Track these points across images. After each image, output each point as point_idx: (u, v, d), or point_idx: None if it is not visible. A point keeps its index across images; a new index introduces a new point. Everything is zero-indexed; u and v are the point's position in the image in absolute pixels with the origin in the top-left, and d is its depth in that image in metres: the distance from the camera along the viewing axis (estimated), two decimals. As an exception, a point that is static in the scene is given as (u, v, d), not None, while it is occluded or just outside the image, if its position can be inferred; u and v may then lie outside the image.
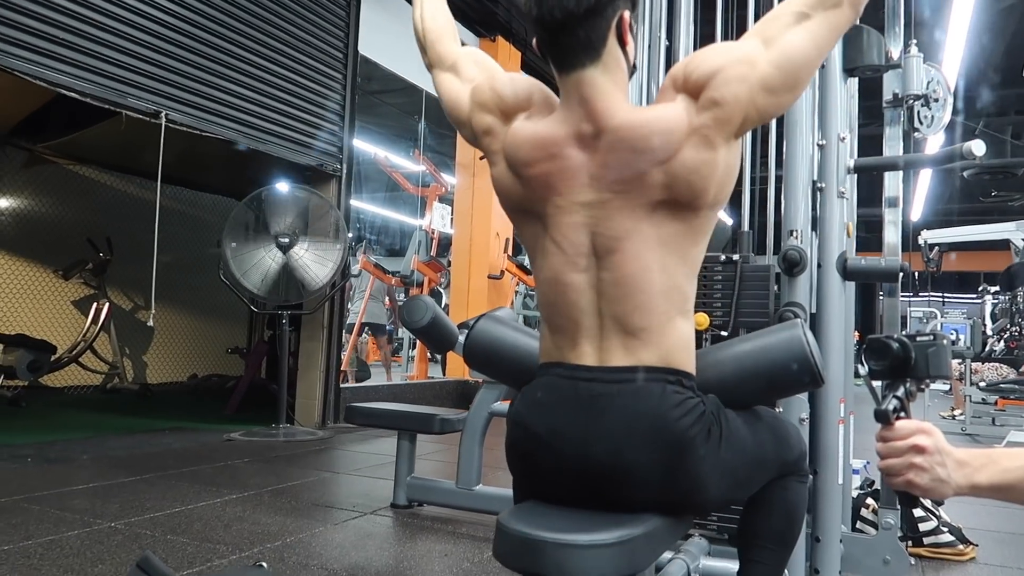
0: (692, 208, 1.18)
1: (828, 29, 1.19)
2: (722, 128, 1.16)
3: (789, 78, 1.18)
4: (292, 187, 5.13)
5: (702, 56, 1.22)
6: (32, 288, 6.56)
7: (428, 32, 1.46)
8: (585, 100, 1.19)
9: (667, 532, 1.24)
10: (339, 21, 5.46)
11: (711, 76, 1.16)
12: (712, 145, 1.16)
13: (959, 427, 6.71)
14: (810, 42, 1.18)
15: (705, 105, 1.16)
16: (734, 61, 1.18)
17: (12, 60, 3.40)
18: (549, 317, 1.28)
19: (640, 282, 1.18)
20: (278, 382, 5.06)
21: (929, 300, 14.85)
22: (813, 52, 1.19)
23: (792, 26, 1.18)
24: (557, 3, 1.15)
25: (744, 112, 1.17)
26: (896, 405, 1.07)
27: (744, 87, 1.16)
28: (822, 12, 1.18)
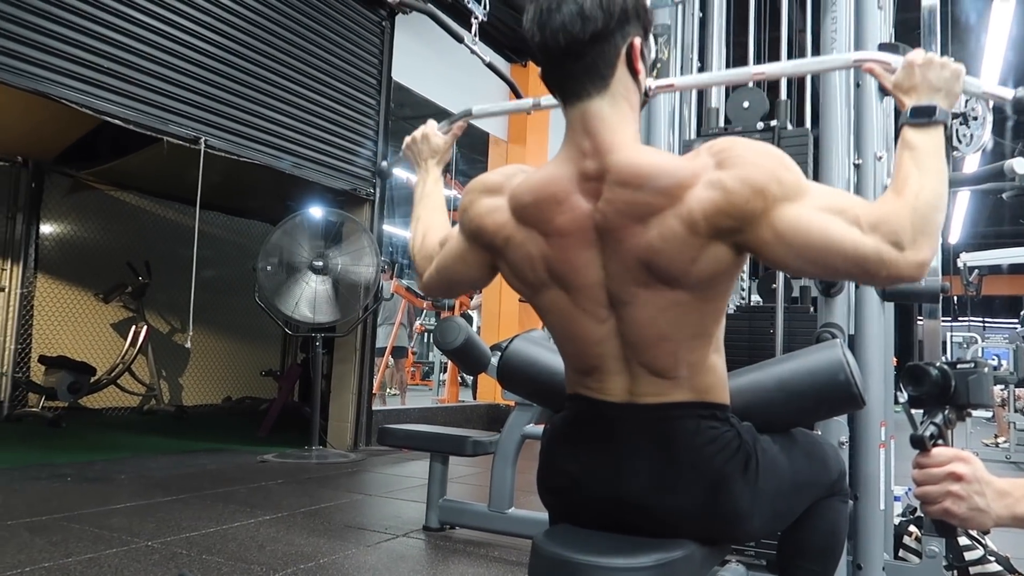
0: (672, 286, 1.07)
1: (858, 252, 0.99)
2: (716, 216, 1.02)
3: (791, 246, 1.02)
4: (326, 211, 5.21)
5: (746, 161, 1.03)
6: (73, 311, 6.72)
7: (419, 261, 1.41)
8: (590, 133, 1.10)
9: (705, 557, 1.22)
10: (373, 48, 5.57)
11: (746, 210, 1.02)
12: (696, 231, 1.03)
13: (1003, 455, 6.52)
14: (835, 243, 1.00)
15: (714, 184, 1.02)
16: (772, 181, 1.02)
17: (62, 89, 3.51)
18: (568, 358, 1.22)
19: (663, 332, 1.10)
20: (311, 404, 5.10)
21: (969, 325, 14.52)
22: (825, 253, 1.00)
23: (837, 216, 1.00)
24: (561, 28, 1.07)
25: (744, 216, 1.02)
26: (933, 431, 1.05)
27: (760, 202, 1.01)
28: (873, 238, 0.98)
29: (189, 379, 7.63)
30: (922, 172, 1.03)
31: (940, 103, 1.10)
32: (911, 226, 0.98)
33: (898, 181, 1.04)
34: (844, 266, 1.01)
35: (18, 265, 6.29)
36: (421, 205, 1.49)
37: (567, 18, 1.06)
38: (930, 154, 1.06)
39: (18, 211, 6.33)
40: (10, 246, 6.27)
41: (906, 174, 1.04)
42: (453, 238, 1.32)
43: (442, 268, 1.34)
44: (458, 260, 1.30)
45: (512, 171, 1.22)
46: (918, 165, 1.04)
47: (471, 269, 1.29)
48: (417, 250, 1.42)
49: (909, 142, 1.08)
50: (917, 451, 1.03)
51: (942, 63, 1.12)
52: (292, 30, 4.85)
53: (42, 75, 3.44)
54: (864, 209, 1.01)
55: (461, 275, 1.32)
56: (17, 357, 6.21)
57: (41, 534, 2.67)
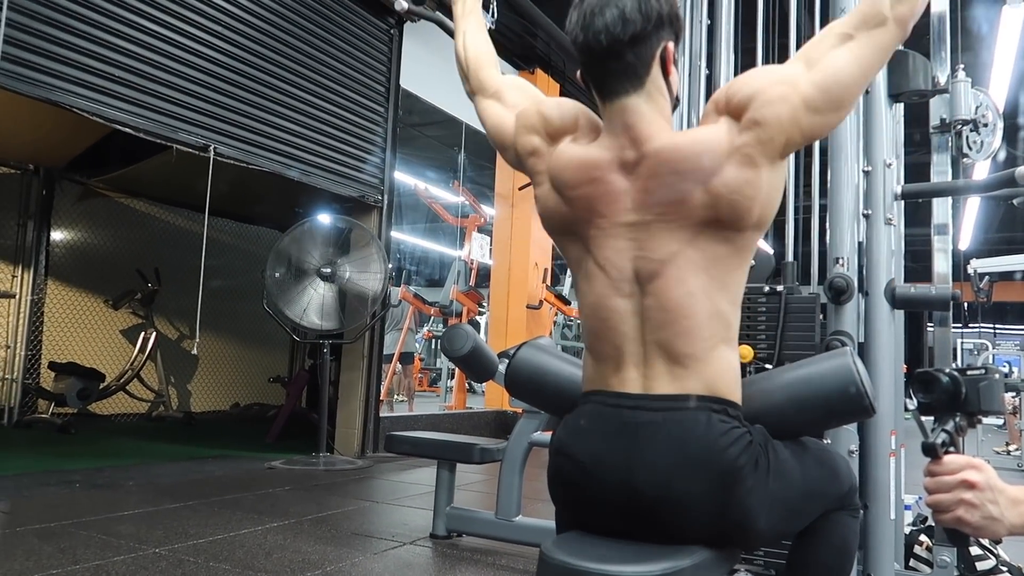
0: (735, 228, 1.17)
1: (873, 49, 1.18)
2: (764, 148, 1.15)
3: (832, 98, 1.17)
4: (334, 218, 5.22)
5: (743, 79, 1.22)
6: (83, 318, 6.75)
7: (470, 61, 1.49)
8: (628, 127, 1.20)
9: (713, 565, 1.21)
10: (381, 56, 5.59)
11: (752, 97, 1.16)
12: (754, 164, 1.15)
13: (1015, 463, 6.47)
14: (854, 62, 1.17)
15: (747, 126, 1.16)
16: (775, 82, 1.18)
17: (72, 98, 3.54)
18: (592, 344, 1.27)
19: (684, 307, 1.16)
20: (319, 411, 5.10)
21: (980, 331, 14.44)
22: (857, 72, 1.17)
23: (836, 47, 1.18)
24: (604, 29, 1.16)
25: (786, 132, 1.16)
26: (945, 439, 1.04)
27: (785, 107, 1.15)
28: (866, 32, 1.17)
29: (198, 385, 7.65)
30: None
31: None
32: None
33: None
34: (873, 66, 1.20)
35: (29, 272, 6.32)
36: (464, 19, 1.56)
37: (609, 21, 1.16)
38: None
39: (29, 218, 6.37)
40: (21, 253, 6.31)
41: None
42: (506, 92, 1.42)
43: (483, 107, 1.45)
44: (501, 119, 1.40)
45: (570, 117, 1.30)
46: None
47: (506, 132, 1.38)
48: (461, 56, 1.51)
49: None
50: (929, 459, 1.02)
51: None
52: (301, 38, 4.87)
53: (53, 84, 3.47)
54: (841, 25, 1.20)
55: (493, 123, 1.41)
56: (27, 363, 6.23)
57: (49, 540, 2.68)
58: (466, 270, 8.55)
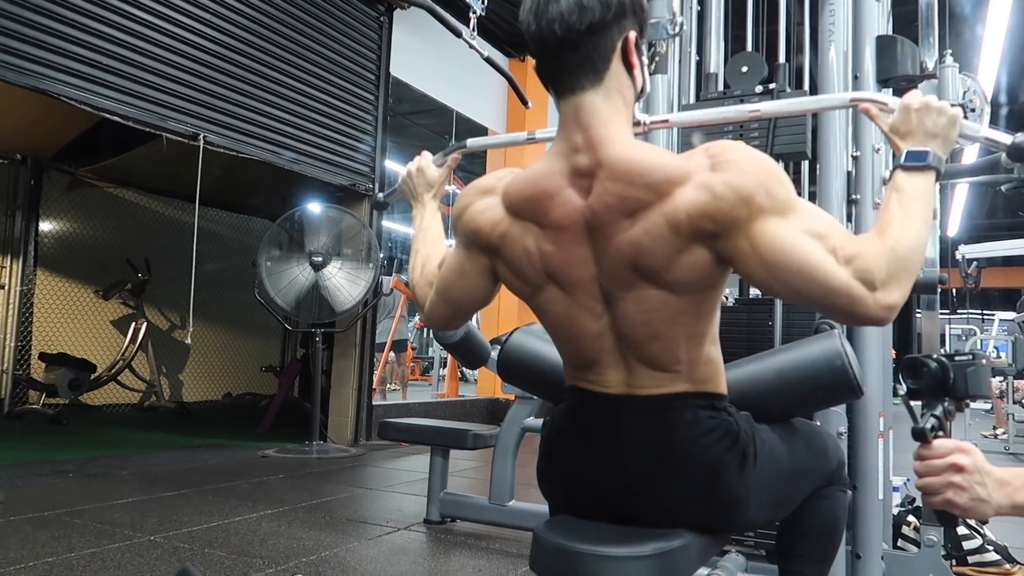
0: (657, 285, 1.07)
1: (829, 281, 0.98)
2: (706, 223, 1.02)
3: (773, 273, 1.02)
4: (325, 207, 5.21)
5: (745, 181, 1.03)
6: (73, 308, 6.72)
7: (418, 295, 1.39)
8: (583, 126, 1.09)
9: (705, 546, 1.23)
10: (372, 43, 5.56)
11: (731, 217, 1.02)
12: (678, 229, 1.03)
13: (1002, 446, 6.55)
14: (806, 267, 0.99)
15: (709, 219, 1.02)
16: (747, 202, 1.01)
17: (59, 86, 3.51)
18: (565, 352, 1.22)
19: (657, 328, 1.10)
20: (311, 400, 5.11)
21: (968, 317, 14.54)
22: (798, 269, 1.00)
23: (812, 242, 1.00)
24: (558, 17, 1.07)
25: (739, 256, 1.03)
26: (934, 423, 1.06)
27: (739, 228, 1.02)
28: (846, 268, 0.98)
29: (189, 375, 7.64)
30: (906, 217, 1.03)
31: (935, 149, 1.10)
32: (886, 268, 0.98)
33: (882, 222, 1.04)
34: (814, 293, 1.00)
35: (18, 262, 6.29)
36: (419, 239, 1.46)
37: (565, 8, 1.06)
38: (917, 199, 1.06)
39: (17, 208, 6.33)
40: (9, 243, 6.27)
41: (891, 217, 1.04)
42: (449, 255, 1.31)
43: (442, 289, 1.31)
44: (457, 274, 1.27)
45: (502, 173, 1.21)
46: (903, 209, 1.04)
47: (471, 280, 1.26)
48: (416, 280, 1.39)
49: (899, 185, 1.08)
50: (918, 443, 1.04)
51: (939, 108, 1.11)
52: (291, 26, 4.85)
53: (41, 72, 3.44)
54: (844, 240, 1.00)
55: (462, 291, 1.28)
56: (17, 354, 6.21)
57: (44, 529, 2.69)
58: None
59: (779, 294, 1.09)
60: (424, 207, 1.52)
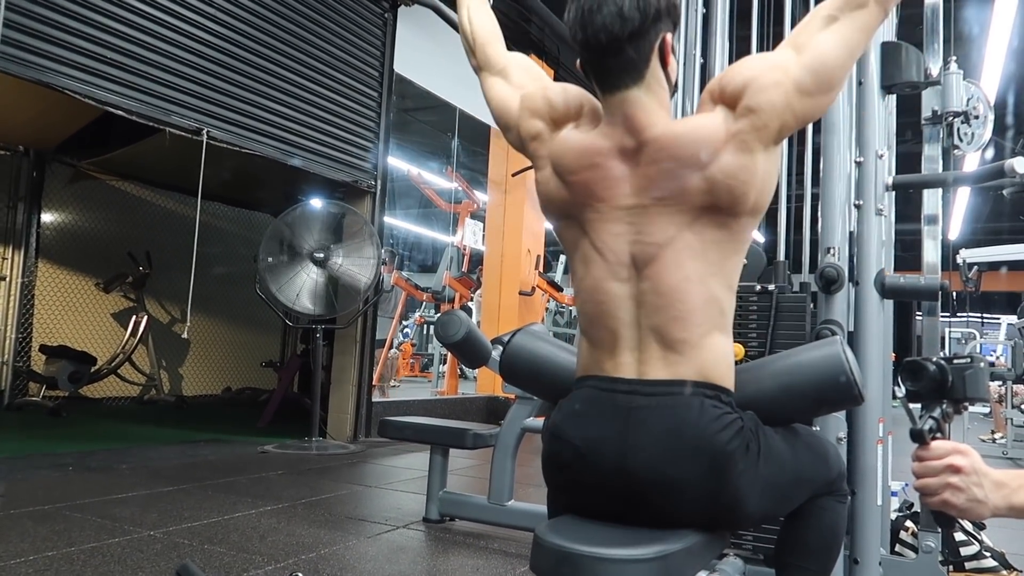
0: (732, 214, 1.20)
1: (857, 29, 1.21)
2: (759, 134, 1.18)
3: (823, 80, 1.20)
4: (327, 203, 5.21)
5: (737, 68, 1.25)
6: (74, 300, 6.73)
7: (477, 35, 1.50)
8: (628, 117, 1.22)
9: (704, 549, 1.24)
10: (375, 40, 5.56)
11: (746, 85, 1.19)
12: (750, 150, 1.18)
13: (1000, 451, 6.55)
14: (840, 43, 1.20)
15: (742, 113, 1.19)
16: (767, 69, 1.21)
17: (63, 79, 3.51)
18: (588, 329, 1.29)
19: (679, 292, 1.19)
20: (311, 396, 5.12)
21: (968, 321, 14.55)
22: (844, 52, 1.20)
23: (822, 30, 1.21)
24: (603, 27, 1.17)
25: (780, 117, 1.19)
26: (932, 425, 1.07)
27: (779, 92, 1.18)
28: (849, 13, 1.20)
29: (189, 369, 7.64)
30: None
31: None
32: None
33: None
34: (859, 45, 1.22)
35: (19, 254, 6.30)
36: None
37: (608, 19, 1.17)
38: None
39: (19, 200, 6.33)
40: (11, 235, 6.28)
41: None
42: (512, 71, 1.44)
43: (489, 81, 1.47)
44: (509, 96, 1.41)
45: (575, 103, 1.32)
46: None
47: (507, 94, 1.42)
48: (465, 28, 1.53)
49: None
50: (916, 445, 1.05)
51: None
52: (294, 21, 4.84)
53: (45, 65, 3.44)
54: (826, 7, 1.22)
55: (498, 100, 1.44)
56: (18, 346, 6.22)
57: (44, 523, 2.69)
58: (459, 256, 8.55)
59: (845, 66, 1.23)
60: None
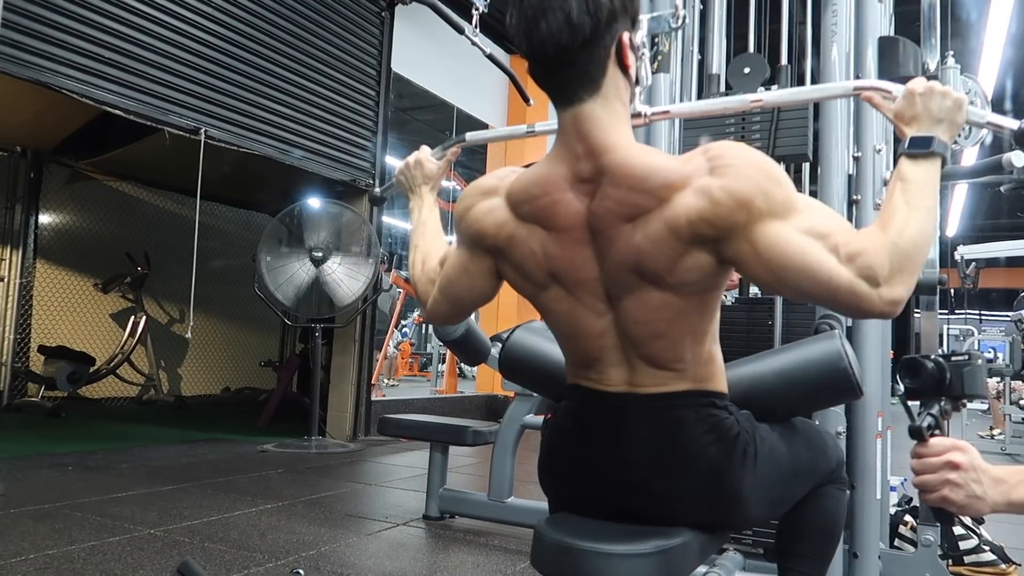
0: (663, 284, 1.07)
1: (832, 280, 0.98)
2: (705, 228, 1.02)
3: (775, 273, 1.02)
4: (325, 202, 5.21)
5: (742, 184, 1.02)
6: (72, 301, 6.73)
7: (419, 292, 1.39)
8: (583, 136, 1.08)
9: (705, 544, 1.24)
10: (373, 39, 5.56)
11: (729, 210, 1.01)
12: (678, 234, 1.03)
13: (998, 447, 6.56)
14: (807, 266, 0.99)
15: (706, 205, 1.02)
16: (755, 216, 1.01)
17: (61, 79, 3.51)
18: (568, 350, 1.23)
19: (659, 330, 1.10)
20: (310, 395, 5.12)
21: (966, 317, 14.57)
22: (799, 269, 1.00)
23: (814, 243, 1.00)
24: (549, 36, 1.03)
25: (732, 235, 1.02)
26: (930, 422, 1.07)
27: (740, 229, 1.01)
28: (848, 267, 0.98)
29: (188, 369, 7.64)
30: (911, 208, 1.02)
31: (940, 134, 1.08)
32: (889, 263, 0.97)
33: (885, 214, 1.03)
34: (817, 292, 1.01)
35: (17, 255, 6.29)
36: (418, 233, 1.45)
37: (554, 27, 1.03)
38: (922, 188, 1.04)
39: (17, 201, 6.33)
40: (9, 236, 6.27)
41: (894, 208, 1.02)
42: (452, 254, 1.30)
43: (445, 287, 1.31)
44: (461, 273, 1.27)
45: (504, 173, 1.21)
46: (908, 200, 1.03)
47: (475, 280, 1.26)
48: (418, 277, 1.38)
49: (903, 174, 1.06)
50: (915, 441, 1.05)
51: (943, 92, 1.09)
52: (292, 20, 4.84)
53: (43, 65, 3.44)
54: (846, 237, 1.00)
55: (465, 289, 1.28)
56: (16, 347, 6.22)
57: (44, 522, 2.69)
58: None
59: (783, 294, 1.10)
60: (422, 200, 1.52)
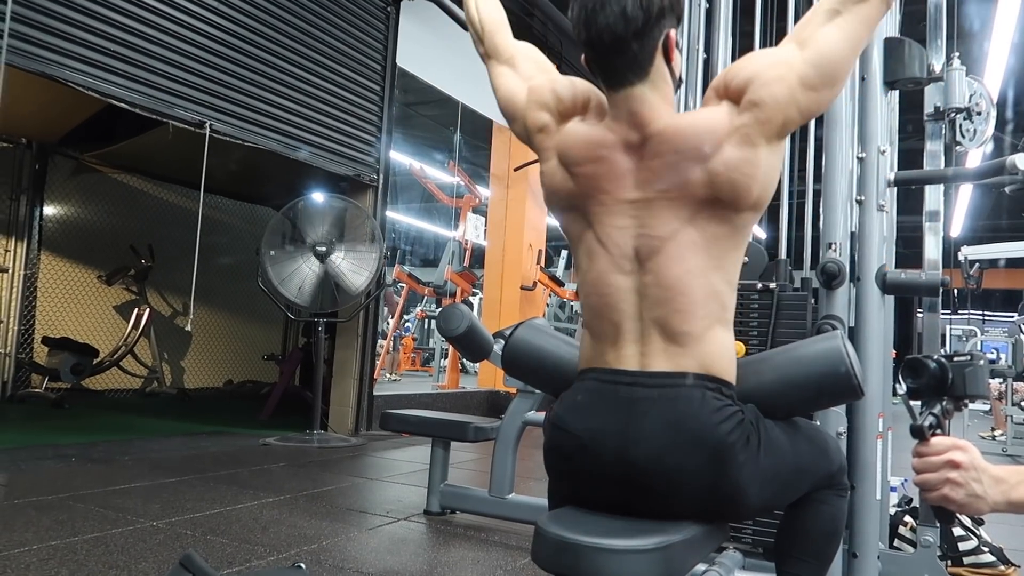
0: (734, 208, 1.21)
1: (860, 22, 1.21)
2: (762, 128, 1.19)
3: (826, 74, 1.20)
4: (329, 197, 5.22)
5: (741, 63, 1.26)
6: (76, 293, 6.74)
7: (485, 23, 1.50)
8: (633, 113, 1.23)
9: (704, 540, 1.25)
10: (378, 34, 5.56)
11: (750, 80, 1.21)
12: (753, 144, 1.19)
13: (999, 448, 6.56)
14: (843, 37, 1.20)
15: (746, 107, 1.20)
16: (771, 64, 1.22)
17: (67, 72, 3.52)
18: (591, 321, 1.30)
19: (682, 285, 1.20)
20: (312, 389, 5.13)
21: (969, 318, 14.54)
22: (846, 46, 1.21)
23: (825, 24, 1.21)
24: (606, 27, 1.18)
25: (784, 112, 1.20)
26: (932, 421, 1.08)
27: (782, 87, 1.19)
28: (852, 7, 1.20)
29: (191, 362, 7.66)
30: None
31: None
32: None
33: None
34: (861, 39, 1.23)
35: (22, 246, 6.30)
36: None
37: (611, 19, 1.17)
38: None
39: (22, 192, 6.33)
40: (14, 227, 6.28)
41: None
42: (520, 62, 1.45)
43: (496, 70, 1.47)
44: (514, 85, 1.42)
45: (582, 97, 1.33)
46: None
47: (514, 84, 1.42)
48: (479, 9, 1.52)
49: None
50: (917, 440, 1.06)
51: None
52: (298, 15, 4.84)
53: (49, 58, 3.44)
54: (828, 1, 1.22)
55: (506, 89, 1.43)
56: (20, 338, 6.24)
57: (47, 513, 2.71)
58: (460, 250, 8.55)
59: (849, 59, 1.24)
60: None
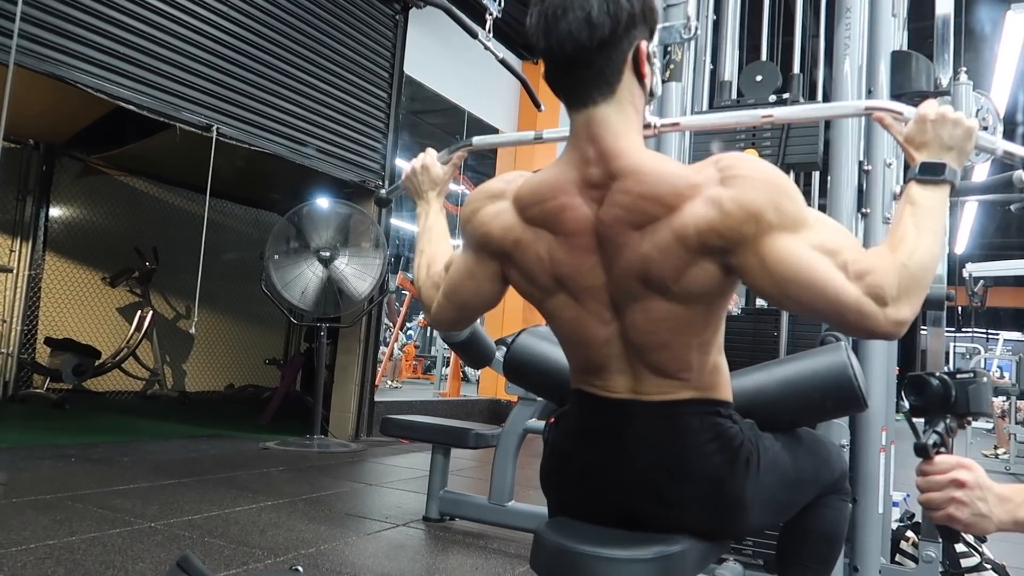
0: (669, 294, 1.07)
1: (840, 295, 0.98)
2: (714, 239, 1.02)
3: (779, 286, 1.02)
4: (334, 202, 5.23)
5: (749, 186, 1.02)
6: (80, 294, 6.75)
7: (424, 296, 1.37)
8: (595, 139, 1.08)
9: (705, 552, 1.24)
10: (386, 41, 5.58)
11: (739, 210, 1.01)
12: (686, 244, 1.02)
13: (1003, 466, 6.53)
14: (814, 280, 0.99)
15: (717, 217, 1.01)
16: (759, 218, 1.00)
17: (76, 74, 3.54)
18: (575, 358, 1.22)
19: (664, 340, 1.10)
20: (314, 394, 5.13)
21: (973, 336, 14.51)
22: (807, 282, 0.99)
23: (822, 258, 0.99)
24: (567, 35, 1.03)
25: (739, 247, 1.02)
26: (936, 440, 1.07)
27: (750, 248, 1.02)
28: (857, 284, 0.98)
29: (192, 365, 7.66)
30: (920, 232, 1.02)
31: (950, 162, 1.08)
32: (897, 284, 0.97)
33: (894, 236, 1.03)
34: (823, 308, 1.00)
35: (27, 247, 6.32)
36: (424, 238, 1.44)
37: (573, 25, 1.03)
38: (931, 213, 1.05)
39: (28, 193, 6.35)
40: (19, 228, 6.30)
41: (904, 231, 1.03)
42: (458, 258, 1.28)
43: (450, 291, 1.29)
44: (466, 277, 1.25)
45: (511, 176, 1.20)
46: (917, 224, 1.03)
47: (480, 284, 1.24)
48: (422, 281, 1.36)
49: (912, 197, 1.07)
50: (921, 459, 1.05)
51: (955, 120, 1.09)
52: (307, 21, 4.87)
53: (59, 59, 3.46)
54: (855, 255, 0.99)
55: (471, 293, 1.26)
56: (23, 338, 6.24)
57: (45, 512, 2.70)
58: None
59: (789, 308, 1.09)
60: (428, 205, 1.50)
